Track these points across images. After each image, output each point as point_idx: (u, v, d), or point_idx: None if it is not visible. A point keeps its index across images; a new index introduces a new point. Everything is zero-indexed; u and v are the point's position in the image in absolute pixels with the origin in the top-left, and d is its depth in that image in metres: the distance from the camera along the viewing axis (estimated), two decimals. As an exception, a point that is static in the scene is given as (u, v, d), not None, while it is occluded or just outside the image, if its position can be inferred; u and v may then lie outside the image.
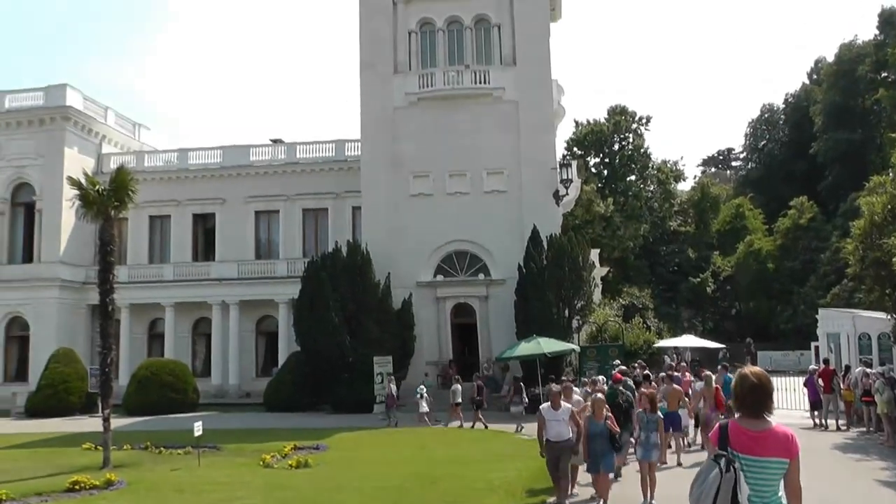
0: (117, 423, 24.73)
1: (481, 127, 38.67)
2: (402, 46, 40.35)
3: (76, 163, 44.53)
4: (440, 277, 38.61)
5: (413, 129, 39.05)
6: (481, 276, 38.34)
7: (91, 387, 37.93)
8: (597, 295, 41.59)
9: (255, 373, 45.41)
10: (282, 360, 41.33)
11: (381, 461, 20.61)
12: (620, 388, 17.56)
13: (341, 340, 35.41)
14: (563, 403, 13.57)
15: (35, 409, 38.58)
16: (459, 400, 29.25)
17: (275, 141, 49.51)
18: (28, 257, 46.73)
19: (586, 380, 23.57)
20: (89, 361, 41.24)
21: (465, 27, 40.42)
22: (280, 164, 47.07)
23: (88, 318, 45.76)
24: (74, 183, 23.21)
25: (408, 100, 39.40)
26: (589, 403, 14.60)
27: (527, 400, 28.84)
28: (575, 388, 16.48)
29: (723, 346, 42.98)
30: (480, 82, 39.16)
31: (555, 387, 14.24)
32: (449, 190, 38.66)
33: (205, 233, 48.68)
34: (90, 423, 32.17)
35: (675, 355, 39.82)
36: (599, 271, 45.48)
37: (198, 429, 20.41)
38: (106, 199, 22.80)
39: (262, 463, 20.09)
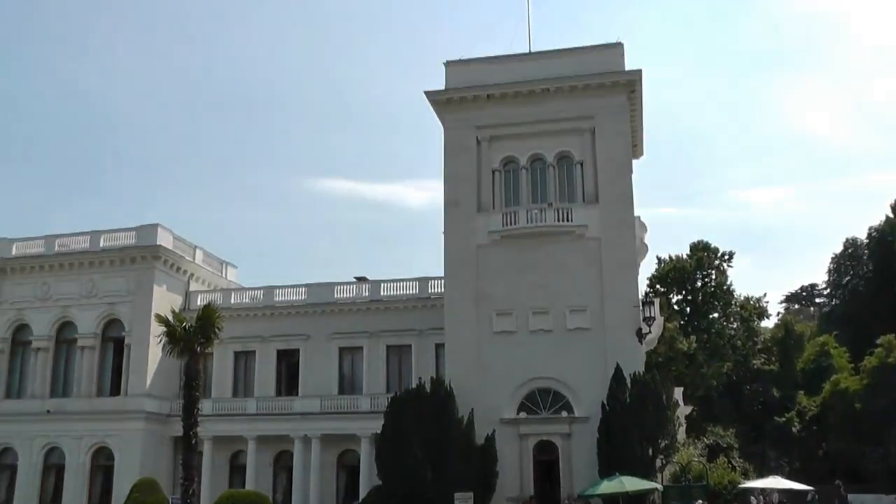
0: None
1: (564, 264, 39.82)
2: (486, 184, 42.18)
3: (165, 300, 47.65)
4: (523, 414, 39.31)
5: (496, 267, 40.42)
6: (564, 413, 38.89)
7: (171, 515, 39.80)
8: (681, 434, 41.84)
9: None
10: (362, 493, 42.22)
11: None
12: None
13: (423, 475, 36.22)
14: None
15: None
16: None
17: (359, 279, 51.54)
18: (116, 390, 49.25)
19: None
20: (171, 491, 43.13)
21: (548, 165, 42.14)
22: (364, 302, 49.03)
23: (172, 449, 47.81)
24: (162, 320, 25.16)
25: (491, 238, 40.96)
26: None
27: None
28: None
29: (811, 488, 42.32)
30: (563, 220, 40.40)
31: None
32: (532, 327, 39.67)
33: (288, 367, 50.47)
34: None
35: (761, 497, 39.35)
36: (683, 410, 45.83)
37: None
38: (192, 335, 24.59)
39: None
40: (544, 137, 42.15)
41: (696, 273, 70.32)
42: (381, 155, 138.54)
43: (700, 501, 28.10)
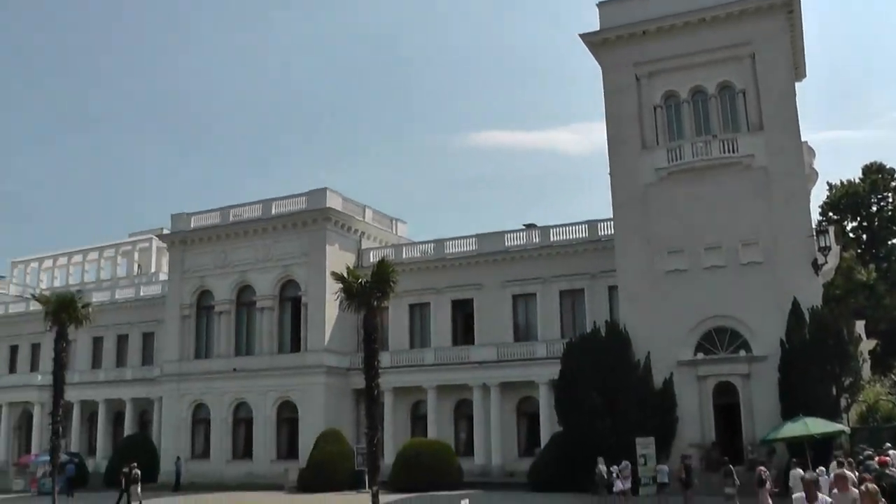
0: (384, 499, 26.53)
1: (733, 197, 39.46)
2: (649, 121, 42.37)
3: (338, 259, 50.73)
4: (700, 355, 39.01)
5: (665, 204, 40.65)
6: (742, 352, 38.36)
7: (358, 465, 42.90)
8: (865, 371, 40.82)
9: (517, 453, 47.92)
10: (543, 439, 43.92)
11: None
12: (887, 471, 17.92)
13: (602, 422, 36.98)
14: (819, 496, 12.13)
15: (305, 484, 44.56)
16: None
17: (528, 226, 52.83)
18: (296, 347, 53.27)
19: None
20: (354, 441, 46.61)
21: (710, 96, 41.87)
22: (534, 248, 50.39)
23: (353, 401, 51.51)
24: (338, 277, 27.12)
25: (658, 175, 41.18)
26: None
27: (738, 482, 28.72)
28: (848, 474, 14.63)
29: None
30: (729, 151, 40.04)
31: (809, 474, 13.71)
32: (704, 264, 39.56)
33: (463, 317, 52.95)
34: (357, 499, 36.80)
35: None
36: (866, 345, 44.96)
37: None
38: (368, 290, 26.57)
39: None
40: (704, 68, 41.94)
41: (871, 197, 67.62)
42: (535, 104, 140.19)
43: (888, 444, 26.91)
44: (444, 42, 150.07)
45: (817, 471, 20.85)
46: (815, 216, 55.19)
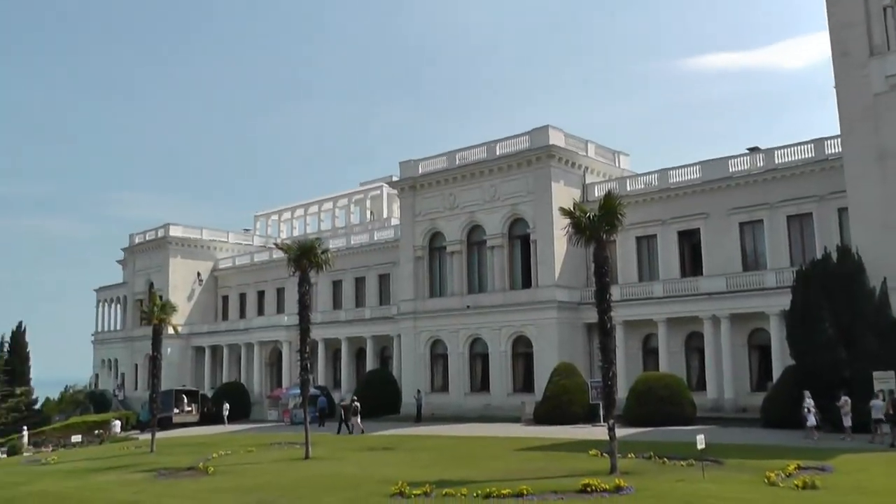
0: (620, 433, 26.72)
1: None
2: (877, 24, 39.92)
3: (563, 194, 53.20)
4: None
5: None
6: None
7: (592, 398, 44.90)
8: None
9: (749, 387, 48.25)
10: (775, 373, 43.93)
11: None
12: None
13: (836, 354, 35.88)
14: None
15: (541, 417, 47.15)
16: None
17: (752, 149, 52.37)
18: (527, 283, 56.06)
19: None
20: (588, 375, 49.07)
21: None
22: (759, 173, 50.14)
23: (584, 336, 53.88)
24: (566, 213, 28.06)
25: (889, 83, 38.93)
26: None
27: None
28: None
29: None
30: None
31: None
32: None
33: (690, 248, 53.65)
34: (592, 432, 38.35)
35: None
36: None
37: (700, 441, 22.59)
38: (596, 224, 27.56)
39: (766, 481, 21.22)
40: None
41: None
42: (754, 21, 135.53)
43: None
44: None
45: None
46: None
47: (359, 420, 47.07)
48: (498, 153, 57.68)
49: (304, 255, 35.98)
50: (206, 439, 48.35)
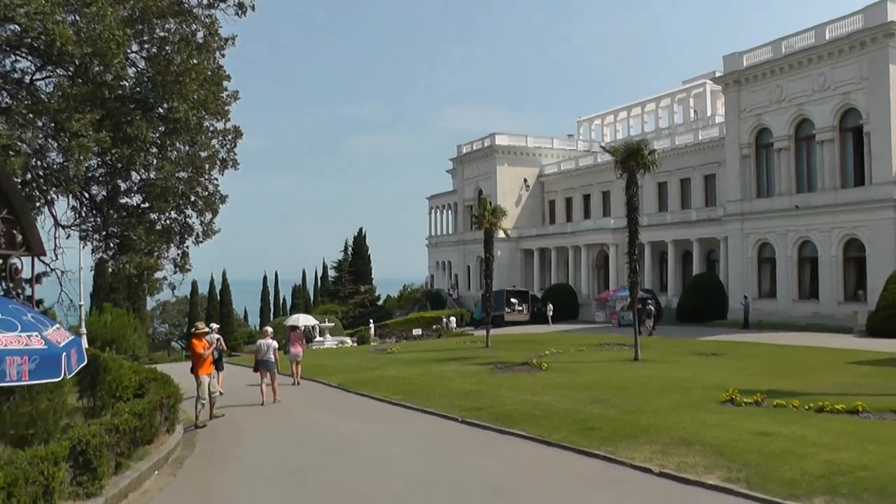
0: None
1: None
2: None
3: (903, 80, 48.03)
4: None
5: None
6: None
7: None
8: None
9: None
10: None
11: None
12: None
13: None
14: None
15: (874, 328, 43.75)
16: None
17: None
18: (859, 180, 51.87)
19: None
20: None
21: None
22: None
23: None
24: None
25: None
26: None
27: None
28: None
29: None
30: None
31: None
32: None
33: None
34: None
35: None
36: None
37: None
38: None
39: None
40: None
41: None
42: None
43: None
44: None
45: None
46: None
47: (651, 323, 48.22)
48: (827, 37, 53.11)
49: (631, 157, 35.66)
50: (537, 337, 50.42)
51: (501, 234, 56.65)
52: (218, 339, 24.22)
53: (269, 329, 27.75)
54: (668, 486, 12.66)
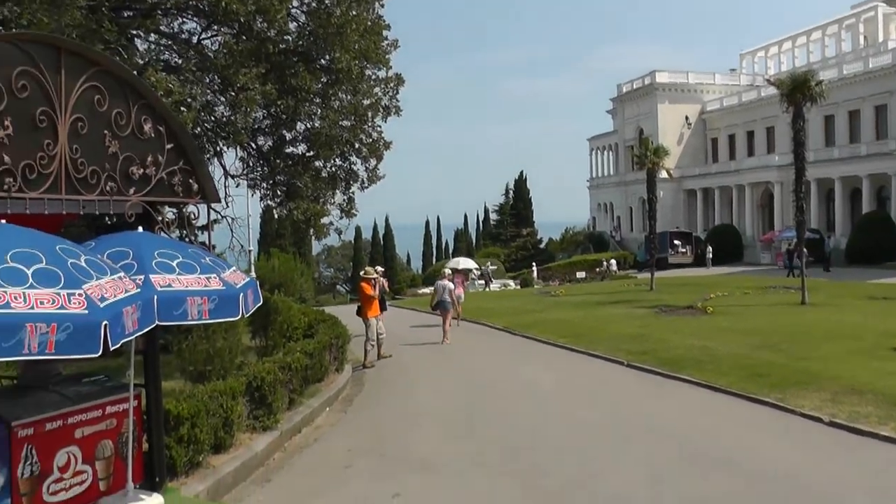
0: None
1: None
2: None
3: None
4: None
5: None
6: None
7: None
8: None
9: None
10: None
11: None
12: None
13: None
14: None
15: None
16: None
17: None
18: None
19: None
20: None
21: None
22: None
23: None
24: None
25: None
26: None
27: None
28: None
29: None
30: None
31: None
32: None
33: None
34: None
35: None
36: None
37: None
38: None
39: None
40: None
41: None
42: None
43: None
44: None
45: None
46: None
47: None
48: None
49: (798, 89, 34.38)
50: (701, 280, 50.20)
51: (663, 174, 55.90)
52: (381, 281, 24.96)
53: (447, 270, 28.58)
54: (840, 437, 12.53)
